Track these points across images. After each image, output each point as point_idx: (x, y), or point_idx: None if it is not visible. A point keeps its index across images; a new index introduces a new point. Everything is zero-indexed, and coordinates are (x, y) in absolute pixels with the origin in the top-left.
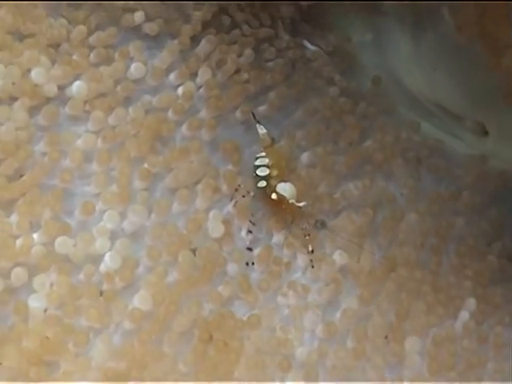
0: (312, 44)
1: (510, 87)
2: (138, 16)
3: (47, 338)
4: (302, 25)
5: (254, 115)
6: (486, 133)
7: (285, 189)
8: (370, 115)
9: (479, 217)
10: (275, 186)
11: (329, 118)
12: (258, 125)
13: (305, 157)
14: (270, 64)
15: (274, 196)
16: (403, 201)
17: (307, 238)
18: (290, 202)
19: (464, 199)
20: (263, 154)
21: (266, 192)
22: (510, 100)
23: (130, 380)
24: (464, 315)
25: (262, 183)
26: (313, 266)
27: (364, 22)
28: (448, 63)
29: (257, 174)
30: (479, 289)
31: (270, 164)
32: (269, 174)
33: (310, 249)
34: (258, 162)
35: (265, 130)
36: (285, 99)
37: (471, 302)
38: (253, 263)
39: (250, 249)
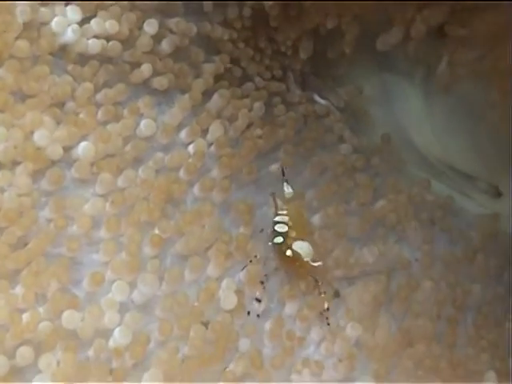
0: (322, 98)
1: None
2: (146, 69)
3: None
4: (311, 78)
5: (283, 171)
6: (498, 194)
7: (301, 247)
8: (382, 173)
9: (495, 282)
10: (291, 244)
11: (340, 176)
12: (285, 183)
13: (316, 219)
14: (282, 118)
15: (288, 252)
16: (418, 267)
17: (324, 312)
18: (305, 260)
19: (478, 263)
20: (285, 211)
21: (281, 249)
22: None
23: None
24: None
25: (279, 239)
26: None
27: (373, 77)
28: (460, 123)
29: (275, 230)
30: (497, 361)
31: (290, 224)
32: (287, 233)
33: (327, 322)
34: (278, 219)
35: (291, 190)
36: (295, 156)
37: (491, 376)
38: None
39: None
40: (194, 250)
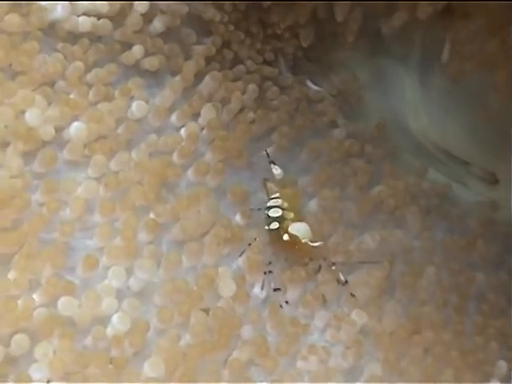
0: (314, 84)
1: None
2: (137, 51)
3: None
4: (303, 62)
5: (267, 154)
6: (495, 181)
7: (298, 228)
8: (377, 160)
9: (497, 268)
10: (288, 227)
11: (335, 162)
12: (272, 165)
13: (312, 204)
14: (275, 102)
15: (285, 237)
16: (419, 253)
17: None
18: (304, 241)
19: (479, 249)
20: (277, 194)
21: (278, 235)
22: None
23: None
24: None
25: (275, 225)
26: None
27: (367, 62)
28: (457, 108)
29: (268, 216)
30: (506, 350)
31: (284, 206)
32: (282, 216)
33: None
34: (271, 203)
35: (280, 171)
36: (289, 141)
37: (502, 365)
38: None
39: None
40: (190, 236)
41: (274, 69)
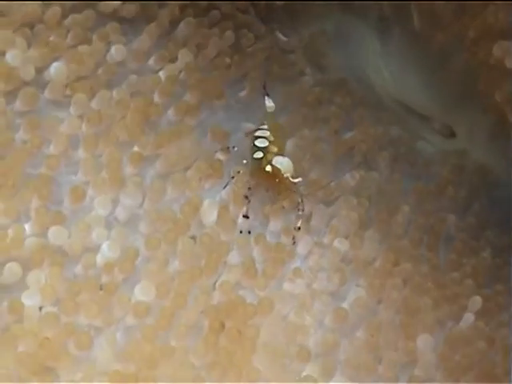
0: (284, 36)
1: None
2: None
3: (46, 339)
4: (275, 14)
5: (264, 86)
6: (452, 134)
7: (281, 162)
8: (346, 108)
9: (465, 212)
10: (271, 159)
11: (308, 105)
12: (266, 97)
13: (290, 143)
14: (250, 50)
15: (268, 168)
16: (392, 194)
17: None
18: (285, 176)
19: (449, 194)
20: (265, 126)
21: (260, 166)
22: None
23: (139, 381)
24: (470, 314)
25: (259, 154)
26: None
27: (330, 18)
28: (416, 62)
29: (254, 145)
30: (481, 288)
31: (270, 139)
32: (267, 148)
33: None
34: (258, 133)
35: (272, 104)
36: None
37: (477, 300)
38: (249, 232)
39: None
40: (174, 169)
41: (248, 16)
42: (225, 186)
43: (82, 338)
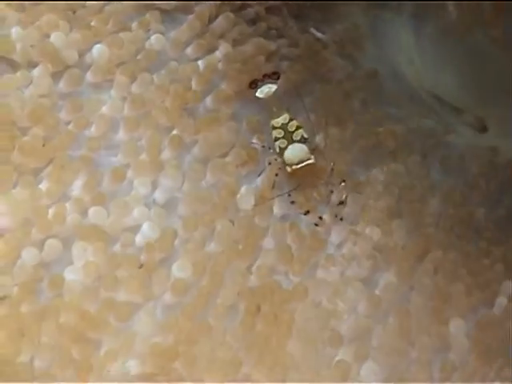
0: (319, 31)
1: None
2: None
3: (87, 311)
4: (308, 11)
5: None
6: (484, 128)
7: (293, 151)
8: (374, 104)
9: (495, 205)
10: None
11: (339, 100)
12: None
13: (319, 138)
14: (284, 49)
15: (290, 169)
16: (421, 189)
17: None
18: (309, 162)
19: (479, 188)
20: (286, 114)
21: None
22: None
23: (179, 355)
24: (503, 299)
25: (283, 143)
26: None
27: (364, 14)
28: (450, 55)
29: (279, 147)
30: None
31: (288, 124)
32: (285, 135)
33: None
34: (275, 134)
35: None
36: (297, 83)
37: (508, 285)
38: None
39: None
40: (212, 155)
41: (280, 17)
42: (259, 174)
43: (121, 311)
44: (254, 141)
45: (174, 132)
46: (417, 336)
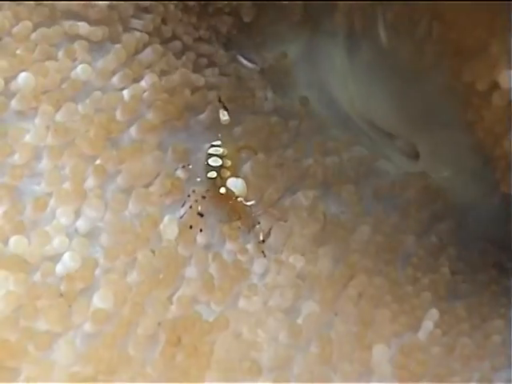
0: (246, 60)
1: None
2: (83, 26)
3: (7, 340)
4: (236, 39)
5: (220, 99)
6: (416, 155)
7: (236, 185)
8: (303, 134)
9: (428, 232)
10: (226, 179)
11: (268, 130)
12: (221, 110)
13: (246, 167)
14: (211, 78)
15: (222, 190)
16: (350, 216)
17: (260, 244)
18: (239, 200)
19: (412, 215)
20: (219, 142)
21: (215, 184)
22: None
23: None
24: (428, 325)
25: (213, 174)
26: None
27: (298, 37)
28: (382, 79)
29: (208, 164)
30: (439, 301)
31: (224, 154)
32: (221, 165)
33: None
34: (211, 151)
35: (227, 117)
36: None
37: (433, 313)
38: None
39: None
40: (136, 183)
41: (209, 46)
42: (183, 204)
43: (41, 340)
44: (179, 170)
45: (98, 161)
46: (338, 362)
